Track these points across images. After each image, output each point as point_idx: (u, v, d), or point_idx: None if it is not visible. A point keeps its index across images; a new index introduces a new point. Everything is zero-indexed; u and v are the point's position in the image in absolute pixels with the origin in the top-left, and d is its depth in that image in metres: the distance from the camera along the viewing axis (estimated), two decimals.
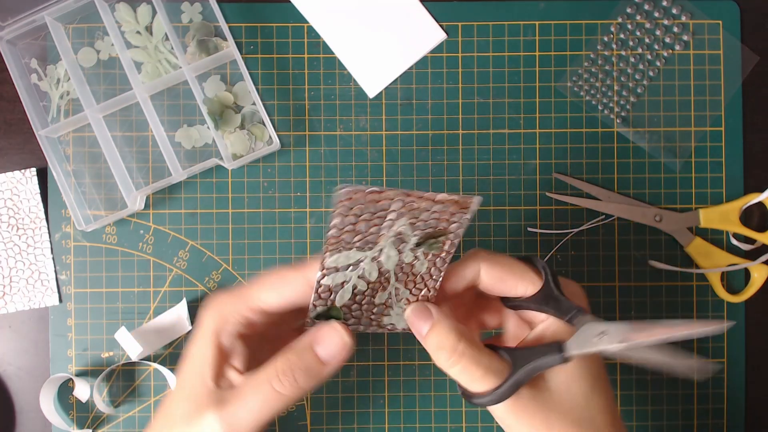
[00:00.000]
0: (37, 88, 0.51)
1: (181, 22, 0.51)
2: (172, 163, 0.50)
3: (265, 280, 0.35)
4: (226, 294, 0.35)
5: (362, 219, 0.32)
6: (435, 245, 0.34)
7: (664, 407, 0.51)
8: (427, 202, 0.32)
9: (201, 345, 0.35)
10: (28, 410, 0.51)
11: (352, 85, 0.51)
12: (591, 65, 0.51)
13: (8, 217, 0.51)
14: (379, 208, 0.32)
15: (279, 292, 0.34)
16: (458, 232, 0.34)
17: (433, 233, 0.34)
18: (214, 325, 0.34)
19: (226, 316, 0.34)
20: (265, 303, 0.35)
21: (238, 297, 0.35)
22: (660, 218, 0.51)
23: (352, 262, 0.34)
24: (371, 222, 0.32)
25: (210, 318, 0.35)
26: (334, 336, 0.34)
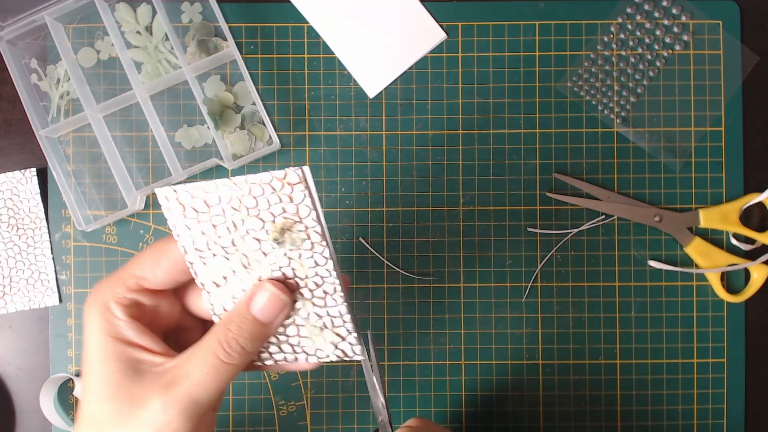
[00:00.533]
0: (37, 88, 0.51)
1: (181, 22, 0.51)
2: (172, 163, 0.50)
3: (140, 256, 0.33)
4: (103, 280, 0.33)
5: (202, 221, 0.30)
6: (297, 239, 0.30)
7: (664, 407, 0.51)
8: (255, 187, 0.29)
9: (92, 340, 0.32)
10: (28, 410, 0.51)
11: (352, 85, 0.51)
12: (591, 65, 0.51)
13: (8, 217, 0.51)
14: (212, 203, 0.30)
15: (156, 266, 0.32)
16: (313, 216, 0.30)
17: (285, 224, 0.30)
18: (98, 317, 0.32)
19: (106, 302, 0.32)
20: (144, 280, 0.32)
21: (113, 279, 0.32)
22: (660, 218, 0.51)
23: (225, 274, 0.32)
24: (213, 222, 0.30)
25: (91, 311, 0.32)
26: (270, 297, 0.31)
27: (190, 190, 0.30)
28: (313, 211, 0.30)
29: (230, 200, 0.30)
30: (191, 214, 0.30)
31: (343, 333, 0.33)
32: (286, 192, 0.29)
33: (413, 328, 0.51)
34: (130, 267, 0.32)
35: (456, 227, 0.51)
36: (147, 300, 0.32)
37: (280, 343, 0.33)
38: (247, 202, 0.30)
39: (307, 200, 0.29)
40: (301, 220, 0.30)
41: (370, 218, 0.51)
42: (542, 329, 0.51)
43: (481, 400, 0.51)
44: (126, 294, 0.32)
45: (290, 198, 0.29)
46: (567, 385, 0.51)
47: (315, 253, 0.31)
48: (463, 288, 0.51)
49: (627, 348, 0.51)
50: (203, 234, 0.31)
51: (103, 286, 0.32)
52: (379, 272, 0.51)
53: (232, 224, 0.30)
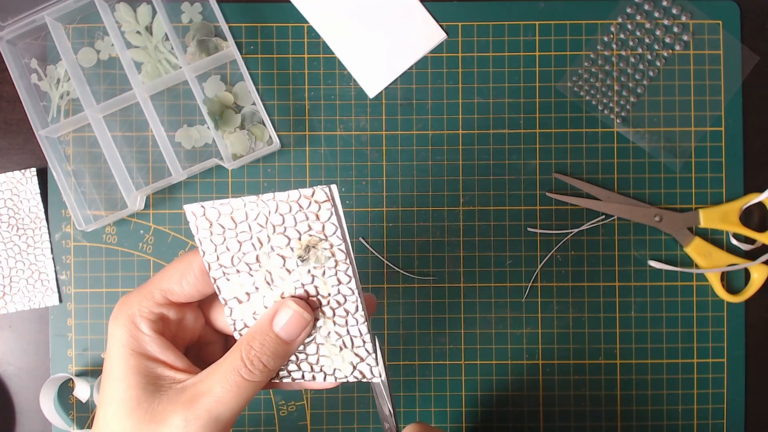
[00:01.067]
0: (37, 88, 0.51)
1: (181, 22, 0.51)
2: (172, 163, 0.50)
3: (167, 268, 0.33)
4: (130, 293, 0.33)
5: (228, 237, 0.30)
6: (321, 256, 0.31)
7: (664, 407, 0.51)
8: (282, 204, 0.29)
9: (115, 354, 0.32)
10: (28, 410, 0.51)
11: (352, 85, 0.51)
12: (591, 65, 0.51)
13: (8, 217, 0.51)
14: (239, 220, 0.30)
15: (183, 279, 0.32)
16: (338, 233, 0.30)
17: (311, 241, 0.30)
18: (123, 330, 0.32)
19: (133, 316, 0.32)
20: (171, 293, 0.32)
21: (140, 293, 0.32)
22: (660, 218, 0.51)
23: (248, 290, 0.32)
24: (238, 239, 0.30)
25: (116, 324, 0.32)
26: (294, 315, 0.31)
27: (217, 207, 0.30)
28: (338, 229, 0.30)
29: (257, 217, 0.30)
30: (218, 230, 0.31)
31: (362, 354, 0.32)
32: (313, 210, 0.30)
33: (413, 328, 0.51)
34: (157, 280, 0.32)
35: (456, 227, 0.51)
36: (173, 313, 0.33)
37: (299, 361, 0.33)
38: (274, 219, 0.30)
39: (334, 218, 0.30)
40: (326, 237, 0.30)
41: (370, 218, 0.51)
42: (542, 329, 0.51)
43: (481, 400, 0.51)
44: (153, 308, 0.32)
45: (317, 216, 0.30)
46: (567, 385, 0.51)
47: (339, 271, 0.31)
48: (463, 288, 0.51)
49: (627, 348, 0.51)
50: (228, 250, 0.31)
51: (130, 300, 0.32)
52: (379, 272, 0.51)
53: (258, 241, 0.31)
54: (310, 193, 0.29)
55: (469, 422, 0.51)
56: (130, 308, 0.32)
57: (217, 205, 0.30)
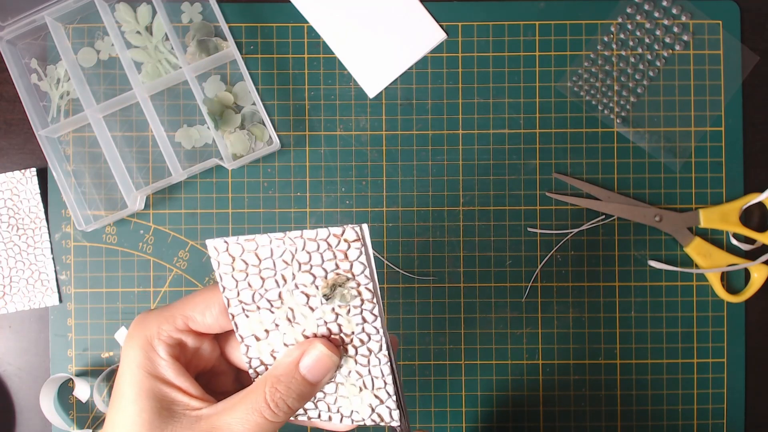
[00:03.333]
0: (37, 88, 0.51)
1: (181, 22, 0.51)
2: (172, 163, 0.50)
3: (193, 297, 0.32)
4: (150, 312, 0.32)
5: (251, 273, 0.30)
6: (347, 295, 0.30)
7: (664, 407, 0.51)
8: (310, 243, 0.29)
9: (128, 375, 0.31)
10: (28, 410, 0.51)
11: (352, 85, 0.51)
12: (591, 65, 0.51)
13: (8, 217, 0.51)
14: (263, 256, 0.29)
15: (207, 309, 0.32)
16: (366, 272, 0.29)
17: (337, 280, 0.30)
18: (139, 352, 0.31)
19: (150, 338, 0.31)
20: (194, 321, 0.32)
21: (161, 316, 0.32)
22: (660, 218, 0.51)
23: (268, 327, 0.31)
24: (261, 275, 0.30)
25: (132, 344, 0.31)
26: (321, 357, 0.31)
27: (241, 243, 0.29)
28: (367, 269, 0.29)
29: (282, 254, 0.29)
30: (240, 266, 0.30)
31: (382, 396, 0.32)
32: (342, 248, 0.29)
33: (413, 328, 0.51)
34: (181, 306, 0.32)
35: (456, 227, 0.51)
36: (191, 341, 0.32)
37: (316, 400, 0.33)
38: (300, 257, 0.29)
39: (363, 257, 0.29)
40: (354, 276, 0.30)
41: (370, 218, 0.51)
42: (542, 329, 0.51)
43: (481, 400, 0.51)
44: (172, 333, 0.31)
45: (345, 255, 0.29)
46: (567, 385, 0.51)
47: (364, 310, 0.30)
48: (463, 288, 0.51)
49: (627, 348, 0.51)
50: (250, 286, 0.30)
51: (149, 320, 0.31)
52: (379, 272, 0.51)
53: (282, 278, 0.30)
54: (339, 232, 0.29)
55: (469, 422, 0.51)
56: (148, 329, 0.31)
57: (242, 241, 0.29)
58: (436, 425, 0.51)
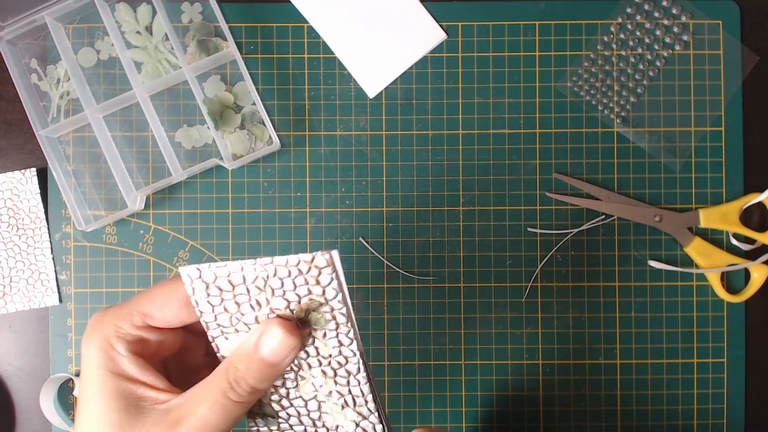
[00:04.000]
0: (37, 88, 0.51)
1: (181, 22, 0.51)
2: (172, 163, 0.50)
3: (148, 293, 0.31)
4: (105, 310, 0.31)
5: (226, 299, 0.30)
6: (321, 319, 0.30)
7: (664, 407, 0.51)
8: (281, 269, 0.29)
9: (90, 376, 0.30)
10: (28, 410, 0.51)
11: (352, 85, 0.51)
12: (591, 65, 0.51)
13: (8, 217, 0.51)
14: (236, 282, 0.30)
15: (165, 306, 0.31)
16: (339, 298, 0.30)
17: (311, 305, 0.30)
18: (98, 352, 0.30)
19: (108, 337, 0.30)
20: (152, 318, 0.31)
21: (117, 314, 0.31)
22: (660, 218, 0.51)
23: None
24: (236, 300, 0.30)
25: (90, 344, 0.30)
26: (279, 340, 0.30)
27: (214, 270, 0.29)
28: (339, 294, 0.30)
29: (255, 280, 0.29)
30: (215, 291, 0.30)
31: (365, 412, 0.32)
32: (313, 275, 0.29)
33: (413, 328, 0.51)
34: (137, 303, 0.31)
35: (456, 227, 0.51)
36: (152, 336, 0.31)
37: (300, 415, 0.33)
38: (273, 283, 0.30)
39: (334, 283, 0.29)
40: (327, 301, 0.30)
41: (370, 218, 0.51)
42: (542, 329, 0.51)
43: (481, 400, 0.51)
44: (130, 330, 0.31)
45: (317, 281, 0.29)
46: (567, 385, 0.51)
47: (340, 334, 0.31)
48: (463, 288, 0.51)
49: (627, 348, 0.51)
50: (226, 311, 0.30)
51: (104, 319, 0.31)
52: (379, 272, 0.51)
53: (257, 303, 0.30)
54: (309, 259, 0.29)
55: (469, 422, 0.51)
56: (104, 328, 0.30)
57: (214, 268, 0.29)
58: (436, 425, 0.51)
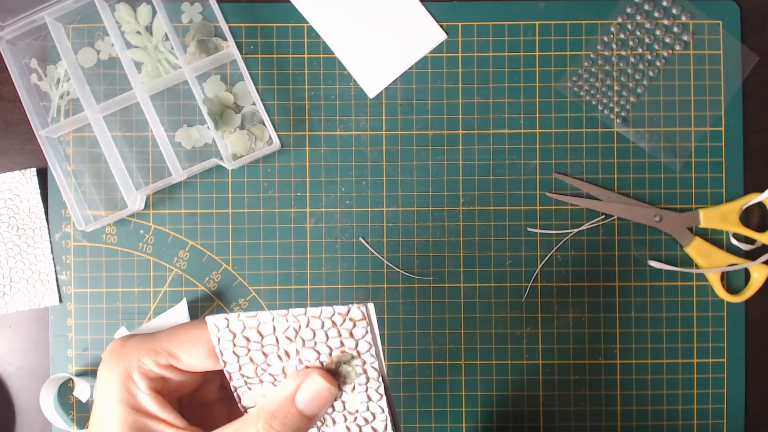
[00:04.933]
0: (37, 88, 0.51)
1: (181, 22, 0.51)
2: (172, 163, 0.50)
3: (178, 333, 0.30)
4: (128, 339, 0.30)
5: (253, 349, 0.29)
6: (352, 372, 0.30)
7: (664, 407, 0.51)
8: (314, 320, 0.29)
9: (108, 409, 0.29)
10: (28, 410, 0.51)
11: (352, 85, 0.51)
12: (591, 65, 0.51)
13: (8, 217, 0.51)
14: (266, 333, 0.29)
15: (194, 350, 0.30)
16: (372, 351, 0.29)
17: (342, 357, 0.29)
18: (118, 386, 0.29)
19: (129, 371, 0.29)
20: (178, 360, 0.30)
21: (142, 349, 0.29)
22: (660, 218, 0.51)
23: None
24: (264, 350, 0.29)
25: (110, 375, 0.29)
26: (319, 389, 0.29)
27: (243, 320, 0.29)
28: (373, 347, 0.29)
29: (286, 330, 0.29)
30: (241, 341, 0.29)
31: None
32: (347, 327, 0.29)
33: (413, 328, 0.51)
34: (164, 341, 0.30)
35: (456, 227, 0.51)
36: (174, 376, 0.30)
37: None
38: (305, 334, 0.29)
39: (368, 336, 0.29)
40: (359, 354, 0.29)
41: (370, 218, 0.51)
42: (542, 329, 0.51)
43: (481, 400, 0.51)
44: (154, 368, 0.30)
45: (350, 333, 0.29)
46: (567, 385, 0.51)
47: (369, 388, 0.30)
48: (463, 288, 0.51)
49: (627, 348, 0.51)
50: (252, 361, 0.30)
51: (127, 351, 0.30)
52: (379, 272, 0.51)
53: (285, 354, 0.29)
54: (345, 311, 0.28)
55: (469, 422, 0.51)
56: (126, 360, 0.29)
57: (243, 318, 0.29)
58: (436, 425, 0.51)
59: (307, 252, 0.51)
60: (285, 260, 0.51)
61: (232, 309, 0.51)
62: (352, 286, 0.51)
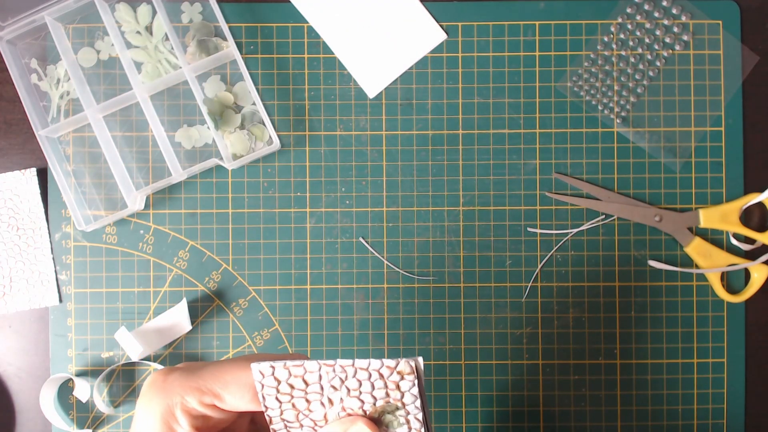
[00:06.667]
0: (37, 88, 0.51)
1: (181, 22, 0.51)
2: (172, 163, 0.50)
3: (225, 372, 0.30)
4: (172, 373, 0.30)
5: (296, 396, 0.29)
6: (395, 422, 0.30)
7: (664, 407, 0.51)
8: (362, 372, 0.29)
9: None
10: (28, 410, 0.51)
11: (352, 85, 0.51)
12: (591, 65, 0.51)
13: (8, 217, 0.51)
14: (311, 381, 0.29)
15: (239, 392, 0.29)
16: (417, 403, 0.29)
17: (386, 407, 0.30)
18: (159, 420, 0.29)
19: (172, 407, 0.29)
20: (222, 401, 0.30)
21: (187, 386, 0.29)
22: (660, 218, 0.51)
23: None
24: (307, 398, 0.29)
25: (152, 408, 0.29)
26: None
27: (289, 368, 0.29)
28: (418, 400, 0.29)
29: (332, 379, 0.29)
30: (285, 389, 0.29)
31: None
32: (394, 379, 0.29)
33: (413, 328, 0.51)
34: (210, 380, 0.30)
35: (456, 227, 0.51)
36: (216, 415, 0.30)
37: None
38: (351, 384, 0.29)
39: (415, 389, 0.29)
40: (404, 406, 0.29)
41: (370, 218, 0.51)
42: (542, 329, 0.51)
43: (481, 400, 0.51)
44: (197, 407, 0.29)
45: (397, 385, 0.29)
46: (567, 385, 0.51)
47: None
48: (463, 288, 0.51)
49: (627, 348, 0.51)
50: (294, 408, 0.30)
51: (171, 386, 0.29)
52: (379, 272, 0.51)
53: (329, 401, 0.30)
54: (393, 365, 0.29)
55: (469, 422, 0.51)
56: (170, 396, 0.29)
57: (290, 366, 0.29)
58: (436, 425, 0.51)
59: (307, 252, 0.51)
60: (285, 260, 0.51)
61: (233, 309, 0.51)
62: (352, 286, 0.51)
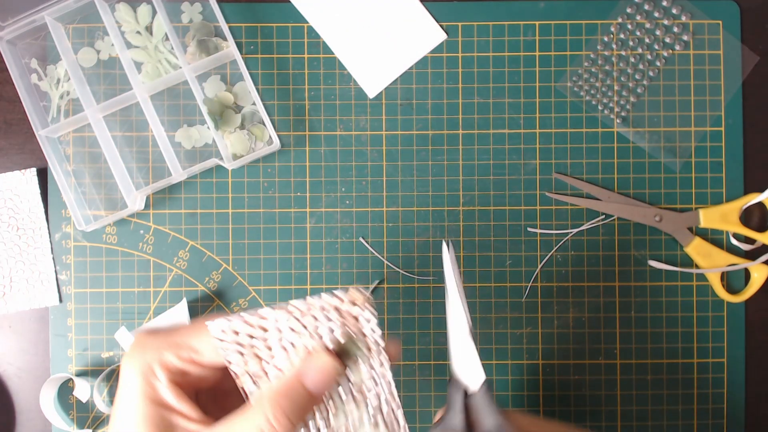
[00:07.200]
0: (37, 88, 0.51)
1: (181, 22, 0.51)
2: (172, 163, 0.50)
3: (201, 328, 0.31)
4: (151, 333, 0.31)
5: (257, 346, 0.30)
6: (359, 353, 0.31)
7: (664, 407, 0.51)
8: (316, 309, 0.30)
9: (129, 401, 0.30)
10: (28, 410, 0.51)
11: (352, 85, 0.51)
12: (591, 65, 0.51)
13: (8, 217, 0.51)
14: (269, 327, 0.30)
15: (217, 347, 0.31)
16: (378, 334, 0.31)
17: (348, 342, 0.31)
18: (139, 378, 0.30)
19: (151, 364, 0.30)
20: (200, 355, 0.31)
21: (165, 342, 0.31)
22: (660, 218, 0.51)
23: None
24: (267, 344, 0.31)
25: (132, 368, 0.30)
26: (325, 367, 0.30)
27: (246, 318, 0.30)
28: (379, 330, 0.31)
29: (288, 321, 0.30)
30: (245, 340, 0.30)
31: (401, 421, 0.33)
32: (352, 312, 0.31)
33: (413, 328, 0.51)
34: (186, 335, 0.31)
35: (456, 227, 0.51)
36: (194, 370, 0.31)
37: None
38: (308, 321, 0.30)
39: (374, 321, 0.31)
40: (364, 337, 0.31)
41: (370, 218, 0.51)
42: (542, 329, 0.51)
43: None
44: (175, 362, 0.31)
45: (355, 318, 0.31)
46: (567, 385, 0.51)
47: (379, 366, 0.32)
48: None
49: (627, 348, 0.51)
50: (256, 357, 0.31)
51: (150, 344, 0.31)
52: (379, 272, 0.51)
53: (291, 344, 0.30)
54: (343, 295, 0.30)
55: None
56: (149, 353, 0.30)
57: (245, 317, 0.30)
58: None
59: (307, 252, 0.51)
60: (285, 260, 0.51)
61: (233, 309, 0.51)
62: (352, 286, 0.51)
